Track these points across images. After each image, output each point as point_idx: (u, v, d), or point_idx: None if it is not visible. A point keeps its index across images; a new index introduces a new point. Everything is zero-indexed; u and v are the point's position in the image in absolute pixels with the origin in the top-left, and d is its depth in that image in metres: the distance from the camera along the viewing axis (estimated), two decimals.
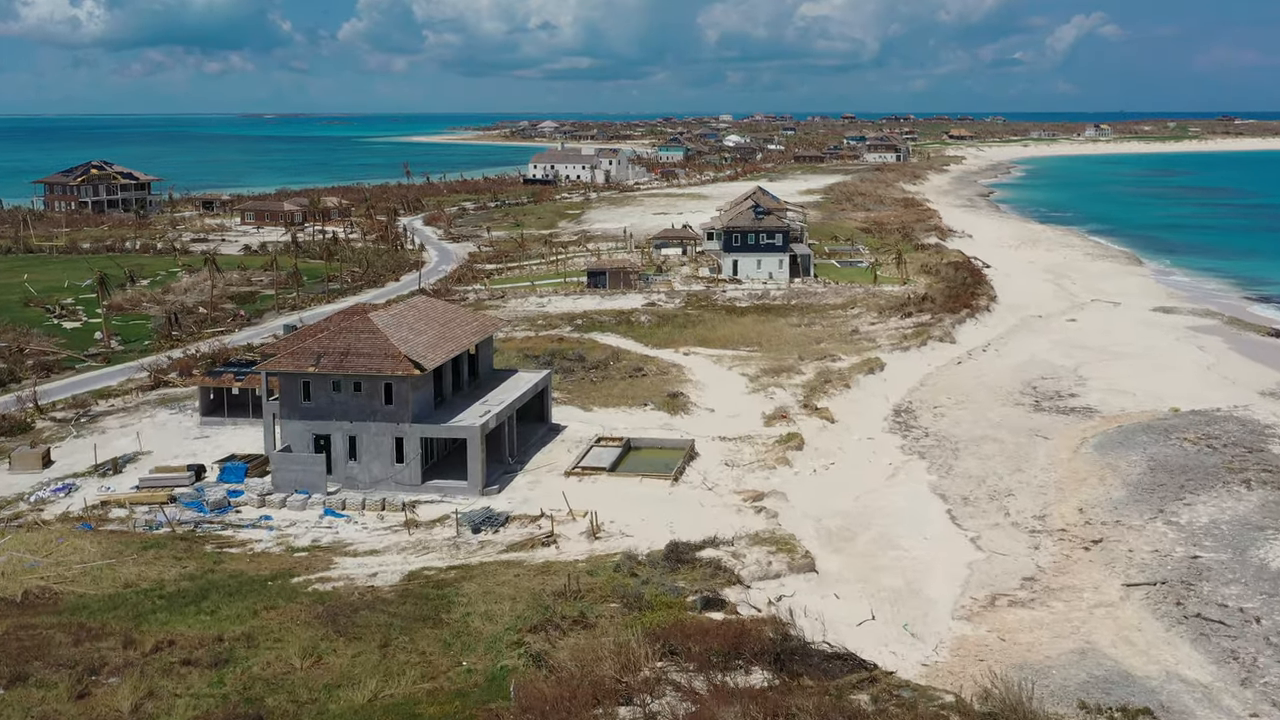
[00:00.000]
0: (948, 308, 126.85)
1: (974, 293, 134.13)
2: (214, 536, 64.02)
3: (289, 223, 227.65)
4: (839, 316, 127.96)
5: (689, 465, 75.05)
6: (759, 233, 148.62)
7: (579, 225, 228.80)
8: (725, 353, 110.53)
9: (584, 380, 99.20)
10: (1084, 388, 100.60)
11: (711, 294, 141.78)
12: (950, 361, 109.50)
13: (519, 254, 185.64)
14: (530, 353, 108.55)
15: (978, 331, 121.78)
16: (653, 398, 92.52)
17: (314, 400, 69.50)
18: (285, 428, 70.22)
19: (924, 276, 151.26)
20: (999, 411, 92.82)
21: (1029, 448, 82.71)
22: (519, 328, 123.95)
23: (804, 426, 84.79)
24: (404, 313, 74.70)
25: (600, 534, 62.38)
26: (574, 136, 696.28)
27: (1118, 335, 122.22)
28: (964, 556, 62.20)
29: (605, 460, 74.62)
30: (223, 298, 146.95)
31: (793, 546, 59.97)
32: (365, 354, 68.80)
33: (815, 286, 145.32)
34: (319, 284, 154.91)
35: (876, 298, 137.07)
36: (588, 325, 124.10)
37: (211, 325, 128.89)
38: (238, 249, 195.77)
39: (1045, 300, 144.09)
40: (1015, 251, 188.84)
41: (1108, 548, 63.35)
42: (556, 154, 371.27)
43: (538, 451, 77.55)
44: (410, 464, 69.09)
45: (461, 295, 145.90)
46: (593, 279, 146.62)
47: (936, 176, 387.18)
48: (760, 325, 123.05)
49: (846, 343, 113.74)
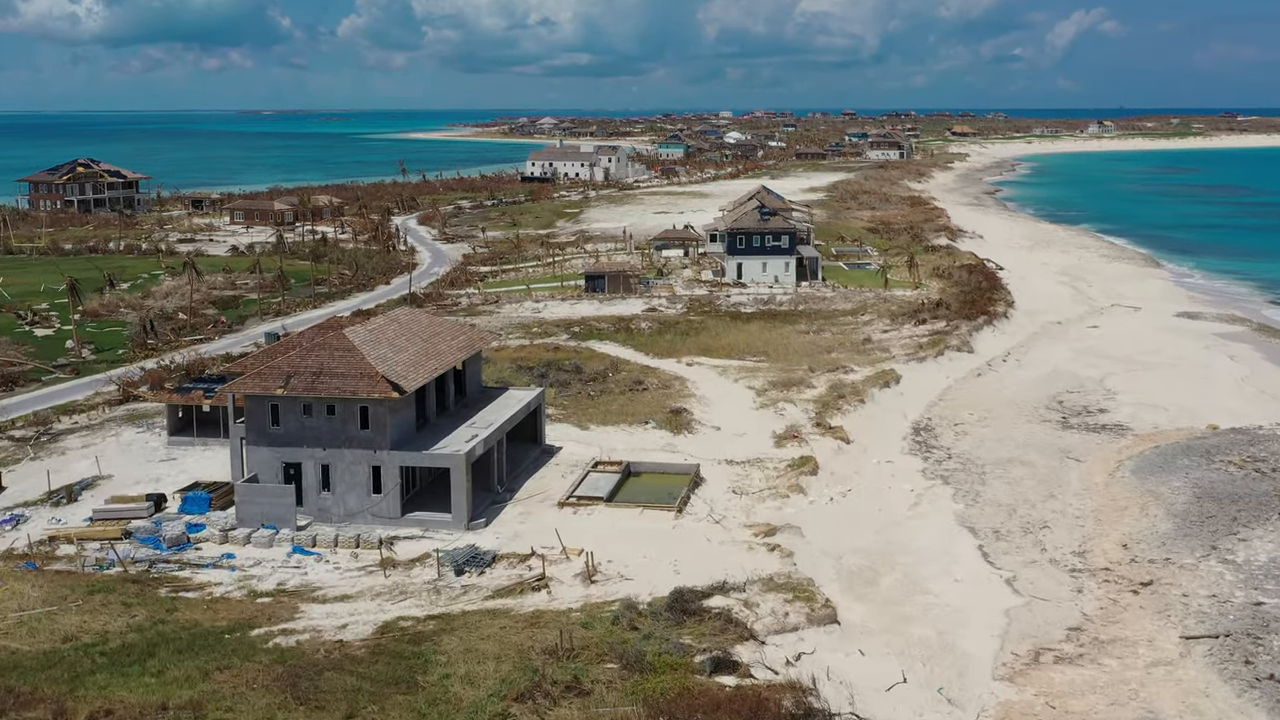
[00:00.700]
0: (964, 314, 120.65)
1: (991, 298, 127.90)
2: (170, 578, 57.85)
3: (279, 222, 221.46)
4: (849, 323, 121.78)
5: (694, 493, 68.93)
6: (764, 235, 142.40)
7: (577, 225, 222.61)
8: (730, 363, 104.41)
9: (581, 395, 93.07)
10: (1113, 402, 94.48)
11: (715, 299, 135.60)
12: (969, 373, 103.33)
13: (515, 255, 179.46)
14: (524, 363, 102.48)
15: (996, 340, 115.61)
16: (654, 414, 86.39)
17: (283, 425, 63.35)
18: (252, 455, 64.07)
19: (936, 280, 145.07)
20: (1025, 429, 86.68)
21: (1061, 471, 76.57)
22: (513, 335, 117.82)
23: (817, 448, 78.65)
24: (383, 327, 68.52)
25: (597, 577, 56.24)
26: (573, 133, 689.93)
27: (1143, 343, 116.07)
28: (1000, 601, 56.07)
29: (602, 488, 68.49)
30: (204, 303, 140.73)
31: (811, 593, 53.79)
32: (339, 374, 62.65)
33: (823, 291, 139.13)
34: (306, 287, 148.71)
35: (888, 303, 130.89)
36: (585, 333, 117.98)
37: (191, 332, 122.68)
38: (225, 250, 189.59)
39: (1063, 305, 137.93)
40: (1028, 253, 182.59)
41: (1159, 591, 57.21)
42: (555, 151, 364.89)
43: (529, 477, 71.42)
44: (389, 495, 62.96)
45: (454, 300, 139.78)
46: (591, 283, 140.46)
47: (941, 174, 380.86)
48: (767, 333, 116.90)
49: (859, 353, 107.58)
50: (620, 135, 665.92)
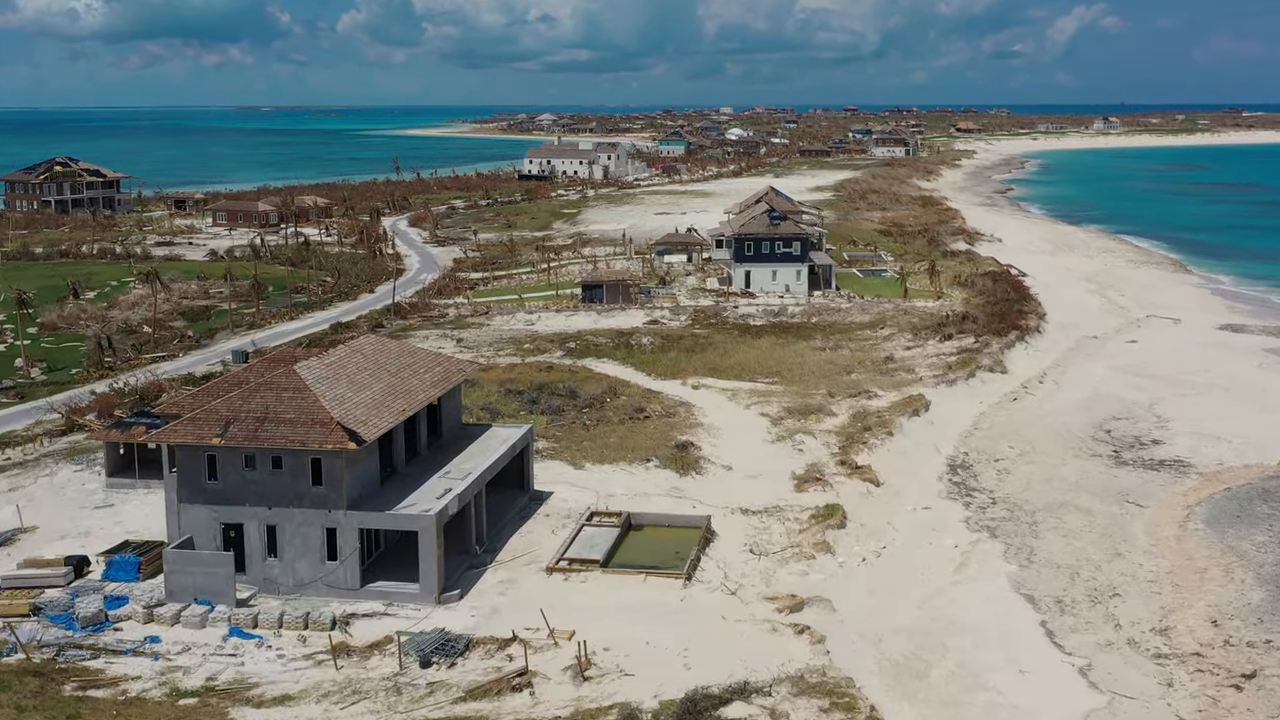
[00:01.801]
0: (993, 329, 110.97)
1: (1021, 310, 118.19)
2: (79, 670, 48.29)
3: (263, 224, 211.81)
4: (868, 339, 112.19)
5: (705, 553, 59.39)
6: (774, 240, 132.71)
7: (575, 226, 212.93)
8: (741, 385, 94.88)
9: (576, 424, 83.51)
10: (1166, 432, 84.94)
11: (721, 310, 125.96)
12: (1004, 398, 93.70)
13: (508, 260, 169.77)
14: (514, 387, 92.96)
15: (1030, 358, 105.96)
16: (657, 449, 76.84)
17: (222, 479, 53.77)
18: (185, 514, 54.52)
19: (958, 289, 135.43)
20: (1074, 466, 77.11)
21: (1122, 521, 67.02)
22: (503, 351, 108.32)
23: (844, 492, 69.09)
24: (344, 361, 58.92)
25: (590, 671, 46.69)
26: (572, 129, 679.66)
27: (1189, 361, 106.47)
28: (1077, 700, 46.49)
29: (599, 547, 58.96)
30: (173, 314, 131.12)
31: (852, 699, 44.21)
32: (288, 420, 53.06)
33: (838, 301, 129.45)
34: (285, 296, 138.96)
35: (909, 315, 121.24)
36: (581, 349, 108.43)
37: (154, 349, 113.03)
38: (203, 254, 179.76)
39: (1095, 316, 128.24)
40: (1050, 258, 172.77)
41: (1266, 686, 47.66)
42: (553, 149, 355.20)
43: (514, 533, 61.86)
44: (345, 562, 53.40)
45: (441, 311, 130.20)
46: (588, 292, 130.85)
47: (949, 172, 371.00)
48: (779, 350, 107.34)
49: (882, 373, 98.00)
50: (620, 131, 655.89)
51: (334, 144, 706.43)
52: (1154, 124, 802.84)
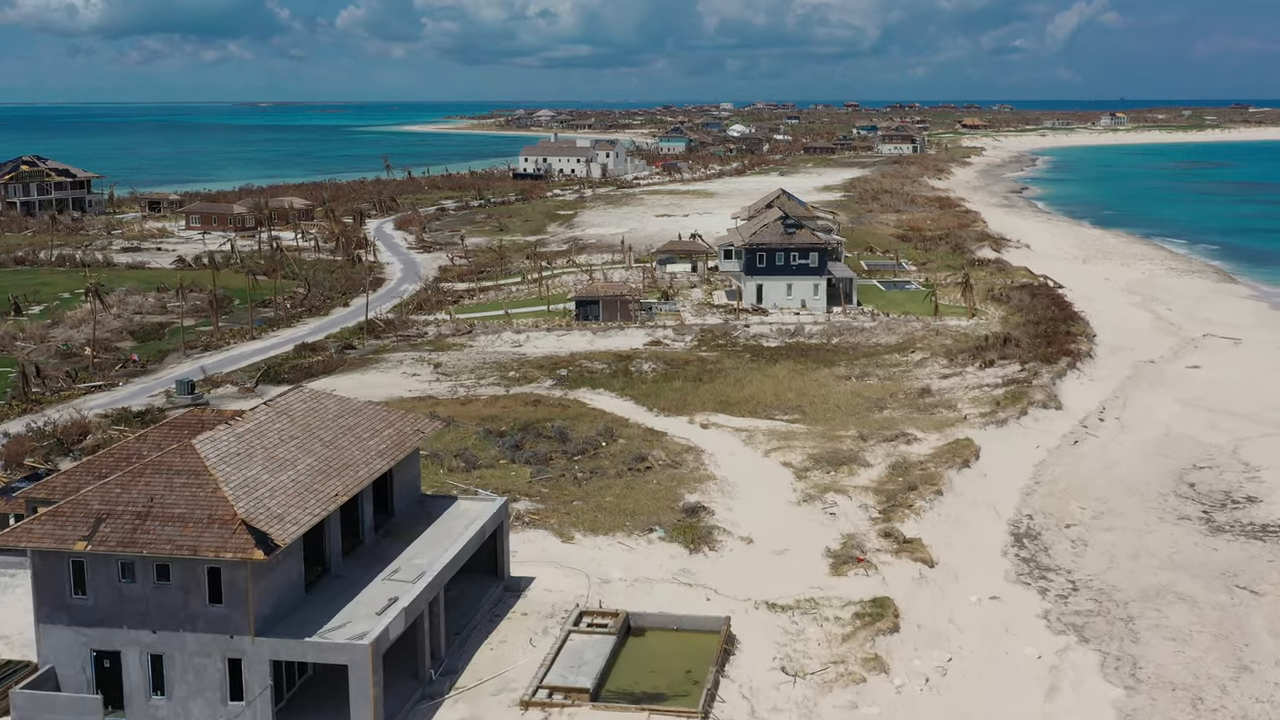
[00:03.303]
0: (1039, 353, 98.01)
1: (1069, 332, 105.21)
2: None
3: (238, 227, 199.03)
4: (898, 364, 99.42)
5: (725, 670, 46.62)
6: (789, 251, 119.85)
7: (570, 230, 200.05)
8: (757, 425, 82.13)
9: (565, 477, 70.71)
10: (1260, 484, 72.21)
11: (731, 329, 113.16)
12: (1063, 440, 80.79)
13: (497, 269, 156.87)
14: (494, 427, 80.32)
15: (1084, 389, 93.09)
16: (662, 512, 64.12)
17: (92, 594, 40.99)
18: (47, 637, 41.73)
19: (992, 305, 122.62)
20: (1161, 534, 64.33)
21: (1237, 614, 54.26)
22: (486, 380, 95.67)
23: (892, 577, 56.27)
24: (263, 429, 46.04)
25: None
26: (571, 125, 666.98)
27: (1267, 394, 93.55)
28: None
29: (589, 665, 46.16)
30: (121, 333, 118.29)
31: None
32: (178, 516, 40.28)
33: (861, 319, 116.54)
34: (251, 311, 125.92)
35: (941, 336, 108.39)
36: (574, 377, 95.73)
37: (91, 376, 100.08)
38: (170, 261, 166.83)
39: (1145, 335, 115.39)
40: (1084, 265, 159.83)
41: None
42: (549, 146, 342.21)
43: (482, 642, 49.00)
44: (255, 703, 40.59)
45: (419, 329, 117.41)
46: (582, 309, 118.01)
47: (960, 170, 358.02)
48: (798, 379, 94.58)
49: (919, 409, 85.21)
50: (619, 128, 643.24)
51: (328, 141, 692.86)
52: (1161, 120, 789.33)
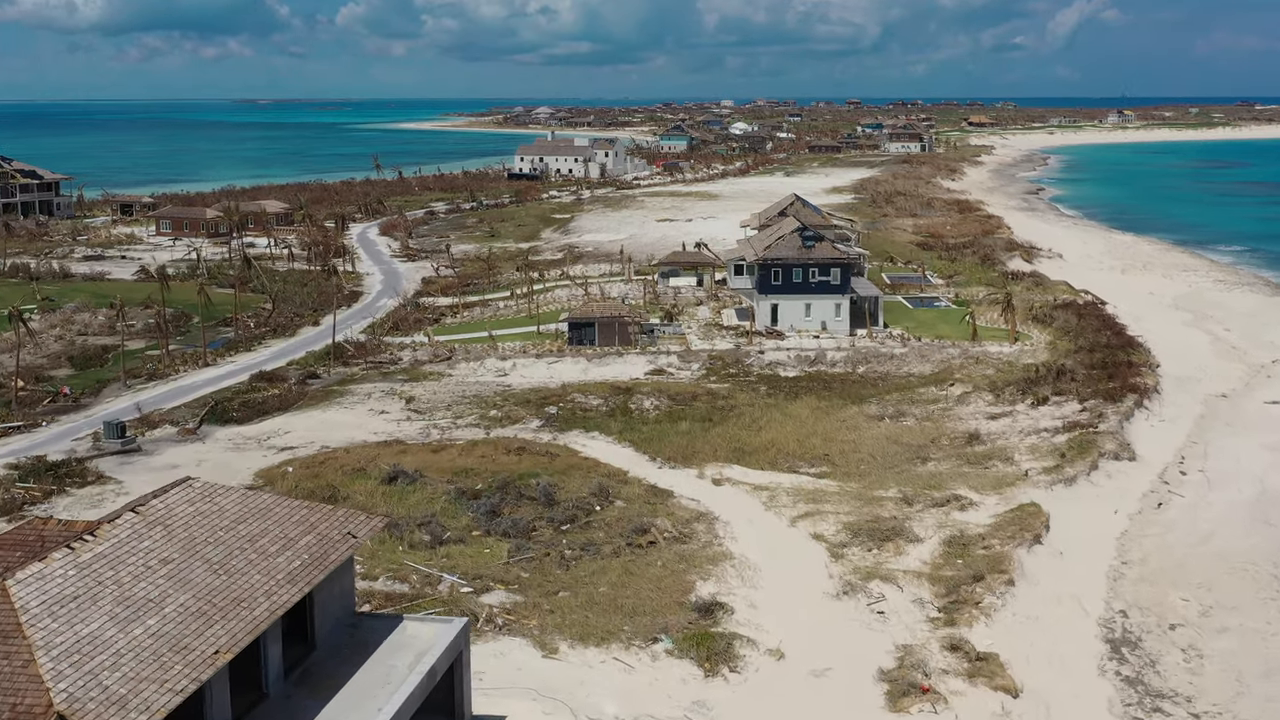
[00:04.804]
0: (1100, 389, 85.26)
1: (1130, 361, 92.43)
2: None
3: (210, 233, 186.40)
4: (936, 400, 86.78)
5: None
6: (809, 267, 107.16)
7: (566, 237, 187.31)
8: (779, 480, 69.54)
9: (550, 556, 58.11)
10: None
11: (744, 356, 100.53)
12: (1144, 502, 68.06)
13: (485, 281, 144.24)
14: (467, 485, 67.83)
15: (1156, 433, 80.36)
16: (669, 610, 51.54)
17: None
18: None
19: (1034, 326, 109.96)
20: None
21: None
22: (464, 419, 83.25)
23: (966, 713, 43.63)
24: (123, 551, 33.28)
25: None
26: (570, 123, 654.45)
27: None
28: None
29: None
30: (60, 358, 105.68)
31: None
32: None
33: (889, 344, 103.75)
34: (205, 331, 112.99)
35: (981, 365, 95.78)
36: (565, 416, 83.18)
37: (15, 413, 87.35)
38: (132, 272, 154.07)
39: (1209, 362, 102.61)
40: (1123, 277, 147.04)
41: None
42: (546, 145, 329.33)
43: None
44: None
45: (393, 354, 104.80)
46: (576, 332, 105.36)
47: (972, 170, 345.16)
48: (823, 419, 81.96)
49: (969, 461, 72.56)
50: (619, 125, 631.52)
51: (323, 139, 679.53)
52: (1169, 117, 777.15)
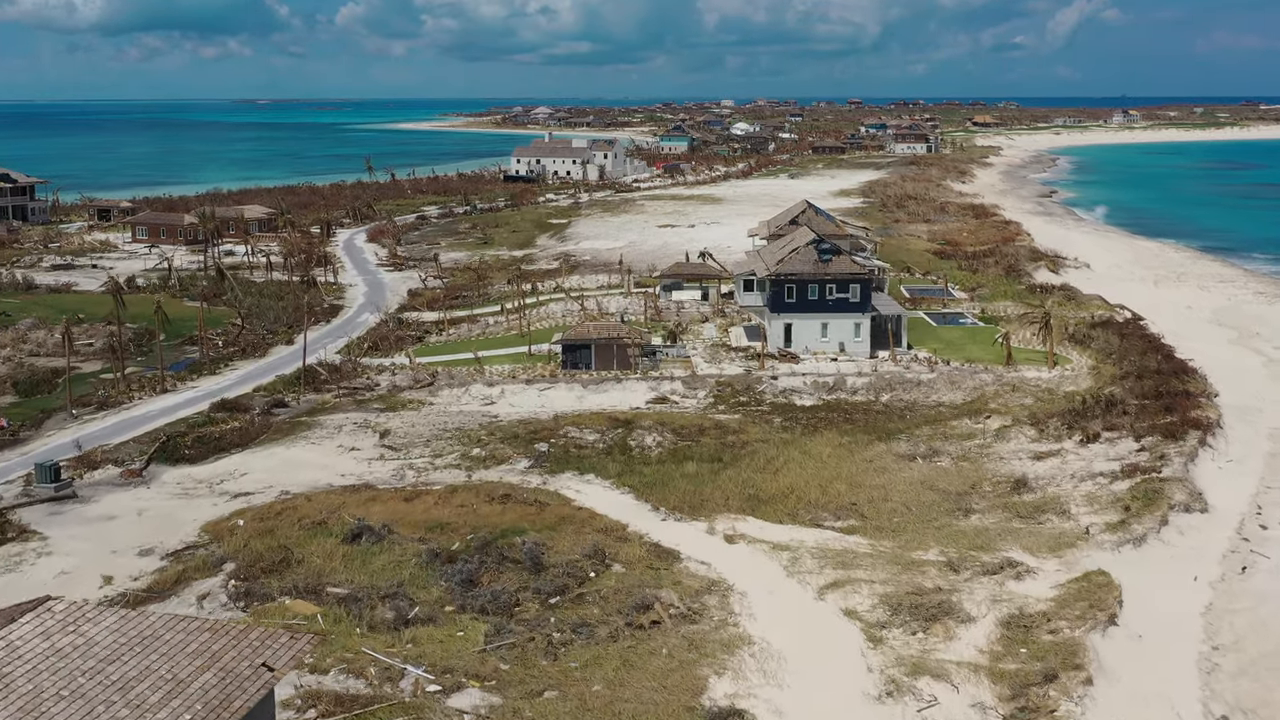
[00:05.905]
0: (1155, 423, 75.86)
1: (1186, 391, 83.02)
2: None
3: (188, 240, 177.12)
4: (971, 435, 77.44)
5: None
6: (825, 283, 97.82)
7: (562, 244, 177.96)
8: (801, 537, 60.28)
9: (535, 642, 48.79)
10: None
11: (755, 382, 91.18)
12: (1225, 565, 58.64)
13: (475, 293, 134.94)
14: (442, 544, 58.66)
15: (1224, 475, 70.92)
16: (677, 718, 42.24)
17: None
18: None
19: (1072, 347, 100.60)
20: None
21: None
22: (443, 457, 74.08)
23: None
24: None
25: None
26: (569, 123, 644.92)
27: None
28: None
29: None
30: (5, 383, 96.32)
31: None
32: None
33: (916, 369, 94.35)
34: (163, 353, 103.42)
35: (1019, 393, 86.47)
36: (558, 457, 73.94)
37: None
38: (100, 283, 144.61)
39: (1265, 387, 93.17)
40: (1155, 289, 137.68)
41: None
42: (543, 146, 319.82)
43: None
44: None
45: (371, 377, 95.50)
46: (570, 355, 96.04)
47: (982, 172, 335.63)
48: (848, 458, 72.67)
49: (1018, 515, 63.20)
50: (619, 125, 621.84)
51: (319, 139, 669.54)
52: (1174, 117, 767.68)
